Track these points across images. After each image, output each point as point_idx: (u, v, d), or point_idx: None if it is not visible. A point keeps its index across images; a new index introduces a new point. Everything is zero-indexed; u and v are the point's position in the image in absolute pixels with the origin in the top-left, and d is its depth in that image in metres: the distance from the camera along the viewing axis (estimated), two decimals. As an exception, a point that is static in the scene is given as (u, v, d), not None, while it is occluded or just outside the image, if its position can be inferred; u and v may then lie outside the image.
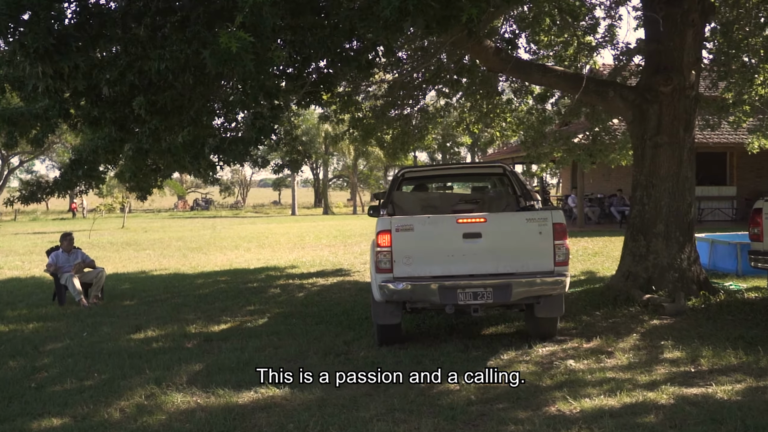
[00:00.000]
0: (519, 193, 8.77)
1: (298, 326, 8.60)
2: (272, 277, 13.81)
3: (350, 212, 57.09)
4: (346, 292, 11.47)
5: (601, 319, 8.45)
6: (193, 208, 70.97)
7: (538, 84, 11.06)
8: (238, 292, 11.83)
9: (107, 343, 7.98)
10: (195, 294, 11.73)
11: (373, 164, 59.03)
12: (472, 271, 6.90)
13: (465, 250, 6.92)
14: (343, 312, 9.47)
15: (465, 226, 7.00)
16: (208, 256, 18.55)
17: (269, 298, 11.11)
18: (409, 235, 6.95)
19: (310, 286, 12.37)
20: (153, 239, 25.07)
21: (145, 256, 18.82)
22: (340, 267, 15.13)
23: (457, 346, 7.25)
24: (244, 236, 25.95)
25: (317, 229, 29.09)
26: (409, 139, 15.23)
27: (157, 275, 14.63)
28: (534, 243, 6.92)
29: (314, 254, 18.11)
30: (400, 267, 6.87)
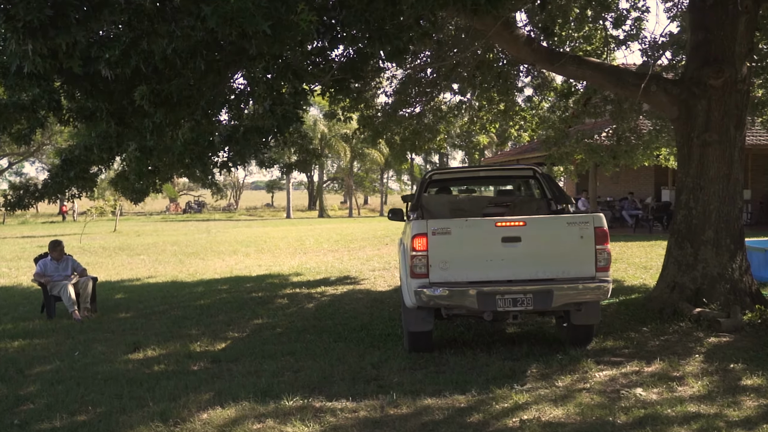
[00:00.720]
0: (550, 197, 8.12)
1: (315, 344, 7.73)
2: (277, 285, 12.93)
3: (346, 215, 56.24)
4: (359, 303, 10.61)
5: (651, 336, 7.62)
6: (185, 211, 69.89)
7: (571, 77, 10.26)
8: (242, 302, 10.94)
9: (102, 365, 7.08)
10: (196, 305, 10.84)
11: (369, 166, 58.15)
12: (511, 276, 6.54)
13: (504, 255, 6.54)
14: (362, 327, 8.61)
15: (504, 229, 6.55)
16: (206, 261, 17.64)
17: (277, 310, 10.24)
18: (446, 239, 6.49)
19: (320, 296, 11.50)
20: (147, 243, 24.12)
21: (139, 262, 17.89)
22: (348, 274, 14.26)
23: (498, 366, 6.43)
24: (242, 240, 25.03)
25: (316, 233, 28.21)
26: (420, 139, 14.42)
27: (154, 283, 13.73)
28: (575, 247, 6.56)
29: (318, 260, 17.23)
30: (437, 272, 6.49)
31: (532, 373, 6.28)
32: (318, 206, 58.84)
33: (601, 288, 6.48)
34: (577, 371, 6.28)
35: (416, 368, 6.54)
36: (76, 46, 4.78)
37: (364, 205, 72.93)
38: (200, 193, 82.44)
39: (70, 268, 10.32)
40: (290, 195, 55.96)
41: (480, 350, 7.15)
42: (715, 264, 8.44)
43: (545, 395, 5.59)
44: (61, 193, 7.94)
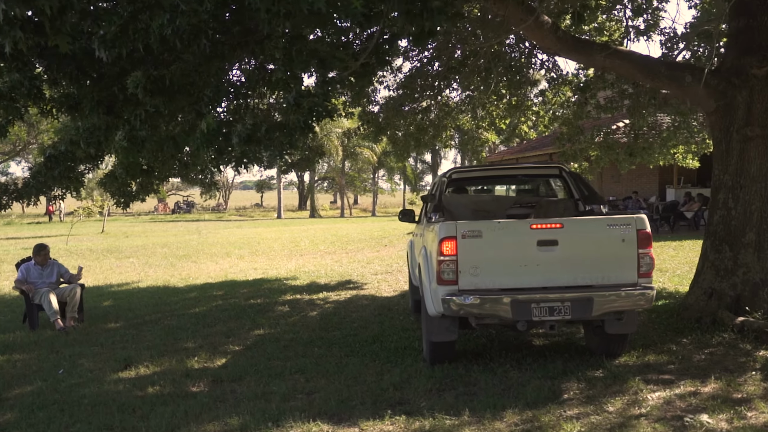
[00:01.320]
0: (578, 197, 7.47)
1: (325, 359, 7.02)
2: (275, 290, 12.19)
3: (337, 215, 55.50)
4: (366, 310, 9.89)
5: (694, 348, 6.95)
6: (174, 211, 68.95)
7: (599, 68, 9.59)
8: (240, 310, 10.20)
9: (89, 386, 6.32)
10: (190, 313, 10.09)
11: (361, 166, 57.42)
12: (547, 282, 5.98)
13: (539, 260, 5.96)
14: (374, 339, 7.89)
15: (539, 232, 5.95)
16: (199, 265, 16.87)
17: (278, 318, 9.51)
18: (476, 243, 5.88)
19: (323, 303, 10.77)
20: (136, 245, 23.29)
21: (128, 266, 17.09)
22: (349, 278, 13.54)
23: (536, 386, 5.73)
24: (234, 242, 24.25)
25: (310, 234, 27.46)
26: (425, 135, 13.73)
27: (144, 289, 12.95)
28: (616, 251, 6.00)
29: (316, 263, 16.50)
30: (467, 278, 5.91)
31: (575, 395, 5.59)
32: (309, 206, 58.06)
33: (645, 295, 5.92)
34: (626, 392, 5.59)
35: (444, 389, 5.84)
36: (65, 16, 4.02)
37: (355, 205, 72.20)
38: (189, 193, 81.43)
39: (56, 274, 9.55)
40: (281, 195, 55.17)
41: (509, 365, 6.46)
42: (758, 269, 7.78)
43: (599, 424, 4.90)
44: (42, 194, 7.17)
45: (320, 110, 4.87)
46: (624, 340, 6.58)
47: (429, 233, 6.56)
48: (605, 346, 6.61)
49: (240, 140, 5.05)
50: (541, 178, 8.25)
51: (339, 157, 51.75)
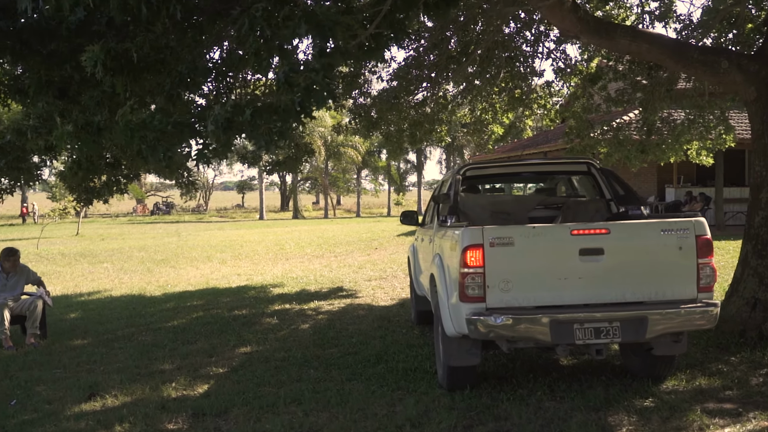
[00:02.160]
0: (610, 196, 6.56)
1: (324, 385, 6.05)
2: (261, 299, 11.19)
3: (321, 216, 54.50)
4: (363, 323, 8.94)
5: (747, 369, 6.07)
6: (153, 213, 67.50)
7: (623, 52, 8.71)
8: (223, 323, 9.20)
9: (45, 423, 5.31)
10: (168, 327, 9.08)
11: (345, 166, 56.40)
12: (592, 299, 5.07)
13: (582, 272, 5.04)
14: (377, 358, 6.94)
15: (582, 239, 5.02)
16: (178, 270, 15.81)
17: (266, 333, 8.53)
18: (507, 252, 4.96)
19: (314, 314, 9.80)
20: (111, 249, 22.13)
21: (102, 271, 15.98)
22: (341, 285, 12.57)
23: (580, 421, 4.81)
24: (215, 245, 23.17)
25: (295, 236, 26.43)
26: (420, 129, 12.79)
27: (118, 298, 11.89)
28: (672, 261, 5.11)
29: (303, 268, 15.50)
30: (496, 294, 4.98)
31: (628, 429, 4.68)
32: (292, 207, 56.97)
33: (708, 314, 5.01)
34: (690, 428, 4.69)
35: (471, 425, 4.89)
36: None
37: (338, 206, 71.15)
38: (169, 194, 79.85)
39: (21, 287, 8.51)
40: (263, 195, 54.03)
41: (542, 392, 5.53)
42: (808, 276, 6.94)
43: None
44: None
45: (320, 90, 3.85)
46: (672, 361, 5.72)
47: (446, 240, 5.63)
48: (649, 368, 5.73)
49: (218, 127, 4.01)
50: (565, 175, 7.33)
51: (322, 157, 50.68)
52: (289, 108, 3.81)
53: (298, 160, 9.99)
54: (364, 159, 53.66)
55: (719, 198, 19.62)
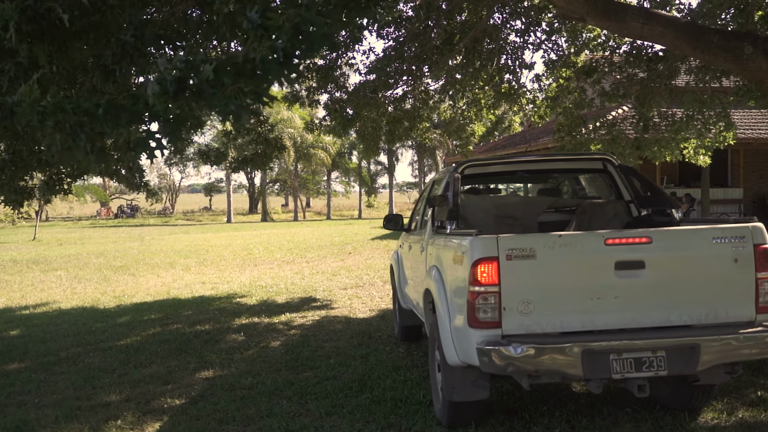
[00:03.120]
0: (631, 197, 5.70)
1: (299, 421, 5.09)
2: (227, 311, 10.17)
3: (291, 219, 53.33)
4: (341, 339, 7.99)
5: (790, 396, 5.27)
6: (117, 216, 65.76)
7: (635, 37, 7.88)
8: (183, 341, 8.18)
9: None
10: (119, 346, 8.03)
11: (315, 167, 55.30)
12: (630, 323, 4.16)
13: (618, 290, 4.13)
14: (361, 384, 6.00)
15: (618, 250, 4.13)
16: (137, 278, 14.66)
17: (232, 352, 7.54)
18: (528, 266, 4.06)
19: (286, 328, 8.83)
20: (68, 255, 20.82)
21: (54, 280, 14.76)
22: (314, 294, 11.60)
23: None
24: (180, 249, 21.99)
25: (264, 240, 25.34)
26: (399, 127, 11.90)
27: (67, 311, 10.75)
28: (726, 276, 4.23)
29: (273, 275, 14.47)
30: (514, 318, 4.07)
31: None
32: (261, 209, 55.72)
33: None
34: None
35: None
36: None
37: (307, 208, 69.95)
38: (133, 197, 77.86)
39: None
40: (231, 198, 52.72)
41: (559, 429, 4.65)
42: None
43: None
44: None
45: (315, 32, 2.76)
46: (711, 391, 4.89)
47: (447, 250, 4.71)
48: (685, 399, 4.88)
49: (165, 90, 2.92)
50: (578, 173, 6.42)
51: (291, 158, 49.54)
52: (268, 61, 2.73)
53: (268, 157, 9.03)
54: (334, 160, 52.66)
55: (706, 199, 19.07)
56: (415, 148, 55.78)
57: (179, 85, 2.63)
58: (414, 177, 69.87)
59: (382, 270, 14.01)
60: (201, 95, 2.65)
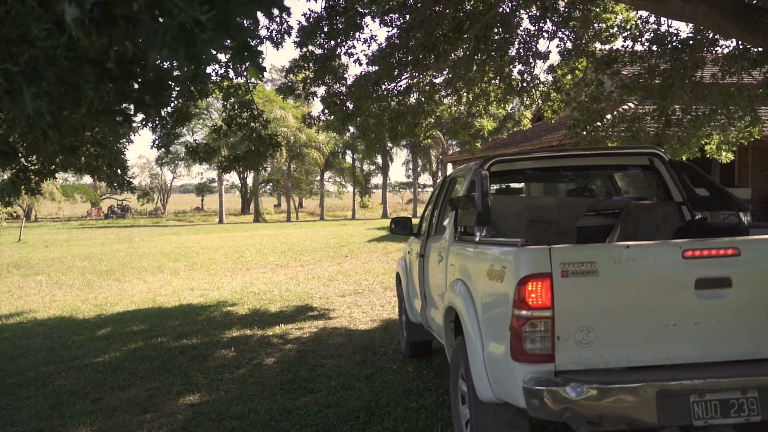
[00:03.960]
0: (683, 198, 4.91)
1: (299, 465, 4.31)
2: (217, 322, 9.35)
3: (284, 219, 52.47)
4: (343, 356, 7.19)
5: None
6: (108, 216, 64.79)
7: (674, 17, 7.10)
8: (167, 357, 7.37)
9: None
10: (95, 364, 7.21)
11: (308, 167, 54.46)
12: (713, 355, 3.36)
13: (699, 314, 3.31)
14: (368, 413, 5.21)
15: (699, 264, 3.32)
16: (122, 284, 13.82)
17: (221, 371, 6.73)
18: (589, 285, 3.24)
19: (280, 342, 8.03)
20: (51, 258, 19.95)
21: (33, 286, 13.90)
22: (310, 302, 10.79)
23: None
24: (169, 252, 21.13)
25: (256, 242, 24.51)
26: (402, 123, 11.11)
27: (42, 321, 9.92)
28: None
29: (266, 280, 13.66)
30: (571, 350, 3.26)
31: None
32: (253, 210, 54.83)
33: None
34: None
35: None
36: None
37: (300, 209, 69.07)
38: (125, 197, 76.79)
39: None
40: (223, 198, 51.84)
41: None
42: None
43: None
44: None
45: None
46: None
47: (478, 262, 3.92)
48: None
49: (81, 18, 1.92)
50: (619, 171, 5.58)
51: (283, 158, 48.70)
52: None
53: (262, 155, 8.24)
54: (327, 160, 51.84)
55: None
56: (409, 148, 55.05)
57: (105, 12, 1.69)
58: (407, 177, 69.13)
59: (381, 275, 13.23)
60: (136, 28, 1.72)
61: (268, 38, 9.40)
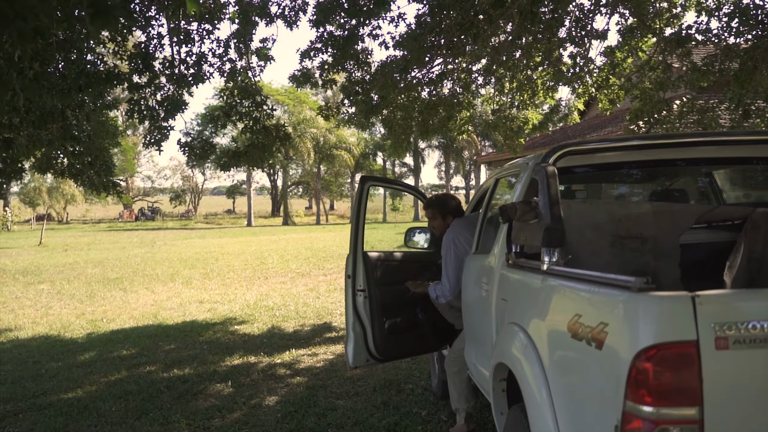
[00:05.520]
0: None
1: None
2: (218, 346, 8.08)
3: (313, 222, 51.43)
4: (361, 394, 5.86)
5: None
6: (137, 218, 64.48)
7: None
8: (150, 394, 6.09)
9: None
10: (63, 401, 5.96)
11: (338, 170, 53.35)
12: None
13: None
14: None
15: None
16: (127, 294, 12.66)
17: (210, 415, 5.45)
18: (764, 362, 1.71)
19: (288, 374, 6.72)
20: (63, 264, 18.94)
21: (32, 296, 12.79)
22: (329, 320, 9.48)
23: None
24: (187, 258, 20.02)
25: (280, 246, 23.32)
26: (434, 117, 9.75)
27: (24, 342, 8.74)
28: None
29: (284, 292, 12.38)
30: None
31: None
32: (282, 212, 53.91)
33: None
34: None
35: None
36: None
37: (331, 211, 68.02)
38: (156, 199, 76.48)
39: None
40: (251, 200, 51.03)
41: None
42: None
43: None
44: None
45: None
46: None
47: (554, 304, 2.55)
48: None
49: None
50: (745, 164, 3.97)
51: (312, 159, 47.65)
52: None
53: (267, 149, 6.95)
54: (357, 161, 50.68)
55: None
56: (442, 149, 53.61)
57: None
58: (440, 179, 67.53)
59: (411, 287, 11.85)
60: None
61: (280, 16, 8.13)
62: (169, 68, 6.86)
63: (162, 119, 6.96)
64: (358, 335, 5.12)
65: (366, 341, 5.15)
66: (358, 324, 5.14)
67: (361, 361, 5.19)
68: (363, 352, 5.16)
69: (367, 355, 5.17)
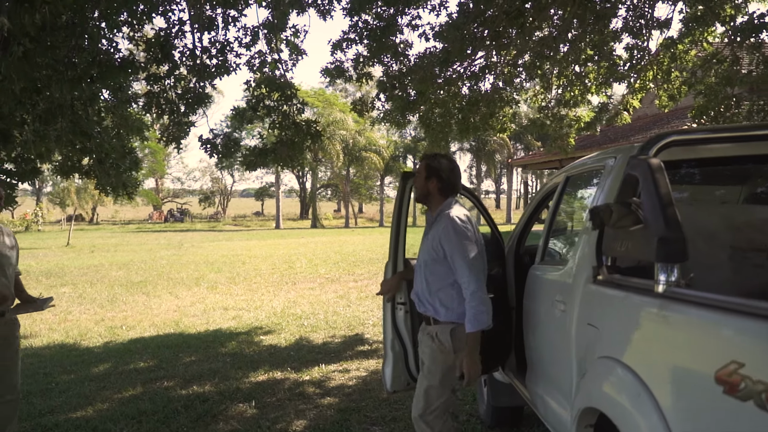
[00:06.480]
0: None
1: None
2: (243, 358, 7.49)
3: (342, 225, 50.93)
4: (400, 419, 5.22)
5: None
6: (166, 220, 64.57)
7: None
8: (165, 415, 5.51)
9: None
10: (69, 421, 5.40)
11: (367, 172, 52.74)
12: None
13: None
14: None
15: None
16: (150, 299, 12.16)
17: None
18: None
19: (317, 393, 6.09)
20: (87, 266, 18.57)
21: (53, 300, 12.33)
22: (361, 331, 8.86)
23: None
24: (214, 261, 19.55)
25: (309, 249, 22.77)
26: (475, 115, 9.08)
27: (38, 351, 8.24)
28: None
29: (312, 298, 11.79)
30: None
31: None
32: (311, 215, 53.49)
33: None
34: None
35: None
36: None
37: (360, 214, 67.50)
38: (185, 200, 76.62)
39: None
40: (280, 203, 50.67)
41: None
42: None
43: None
44: None
45: None
46: None
47: (687, 342, 1.88)
48: None
49: None
50: None
51: (340, 162, 47.13)
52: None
53: (297, 147, 6.35)
54: (387, 164, 50.03)
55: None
56: (473, 152, 52.77)
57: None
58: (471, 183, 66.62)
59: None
60: None
61: (312, 4, 7.54)
62: (190, 58, 6.31)
63: (183, 114, 6.40)
64: (397, 355, 4.44)
65: (407, 362, 4.47)
66: (398, 342, 4.46)
67: (401, 384, 4.50)
68: (403, 374, 4.48)
69: (407, 377, 4.48)
